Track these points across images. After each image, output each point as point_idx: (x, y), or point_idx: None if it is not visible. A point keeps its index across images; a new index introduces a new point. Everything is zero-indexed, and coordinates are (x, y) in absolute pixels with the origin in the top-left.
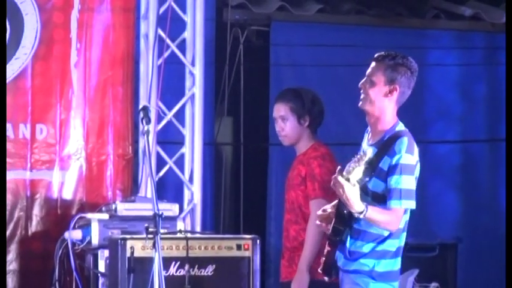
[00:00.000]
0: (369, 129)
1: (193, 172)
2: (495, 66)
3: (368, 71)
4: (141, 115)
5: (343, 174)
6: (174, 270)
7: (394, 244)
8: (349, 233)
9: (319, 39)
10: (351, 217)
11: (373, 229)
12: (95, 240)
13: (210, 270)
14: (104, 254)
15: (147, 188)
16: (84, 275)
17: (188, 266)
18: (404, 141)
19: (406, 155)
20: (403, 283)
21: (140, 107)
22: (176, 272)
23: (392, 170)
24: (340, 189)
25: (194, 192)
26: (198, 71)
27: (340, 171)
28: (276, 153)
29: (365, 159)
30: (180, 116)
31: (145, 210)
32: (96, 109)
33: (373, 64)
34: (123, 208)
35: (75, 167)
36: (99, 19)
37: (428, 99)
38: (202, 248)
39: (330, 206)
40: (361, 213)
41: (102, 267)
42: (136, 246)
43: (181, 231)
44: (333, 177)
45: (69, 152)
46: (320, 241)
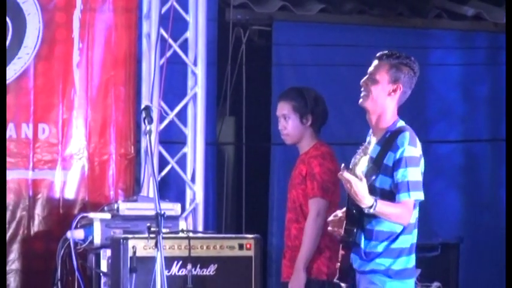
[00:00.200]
0: (371, 131)
1: (195, 172)
2: (497, 66)
3: (370, 69)
4: (143, 115)
5: (350, 168)
6: (176, 269)
7: (408, 240)
8: (362, 233)
9: (321, 39)
10: (362, 216)
11: (385, 227)
12: (97, 239)
13: (212, 269)
14: (106, 254)
15: (149, 188)
16: (86, 274)
17: (190, 265)
18: (406, 135)
19: (409, 148)
20: None
21: (142, 106)
22: (178, 272)
23: (397, 164)
24: (347, 185)
25: (196, 191)
26: (200, 70)
27: (345, 168)
28: (278, 152)
29: (370, 148)
30: (182, 116)
31: (147, 210)
32: (98, 109)
33: (375, 62)
34: (125, 208)
35: (78, 167)
36: (102, 19)
37: (430, 99)
38: (204, 248)
39: (341, 211)
40: (371, 207)
41: (104, 267)
42: (139, 246)
43: (183, 231)
44: (338, 174)
45: (72, 152)
46: (317, 240)
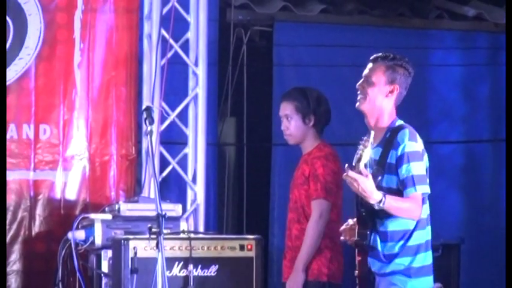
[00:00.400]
0: (372, 133)
1: (196, 172)
2: (498, 66)
3: (365, 72)
4: (145, 115)
5: (353, 165)
6: (177, 270)
7: (423, 236)
8: (376, 236)
9: (322, 40)
10: (373, 218)
11: (398, 226)
12: (98, 240)
13: (213, 270)
14: (107, 255)
15: (150, 189)
16: (87, 275)
17: (191, 266)
18: (405, 131)
19: (409, 143)
20: None
21: (143, 107)
22: (179, 272)
23: (400, 161)
24: (354, 184)
25: (197, 192)
26: (202, 71)
27: (349, 167)
28: (279, 153)
29: (370, 140)
30: (183, 116)
31: (148, 211)
32: (99, 109)
33: (370, 65)
34: (126, 208)
35: (79, 168)
36: (103, 19)
37: (431, 100)
38: (206, 249)
39: (352, 220)
40: (380, 202)
41: (105, 268)
42: (140, 247)
43: (184, 232)
44: (344, 175)
45: (73, 153)
46: (318, 242)
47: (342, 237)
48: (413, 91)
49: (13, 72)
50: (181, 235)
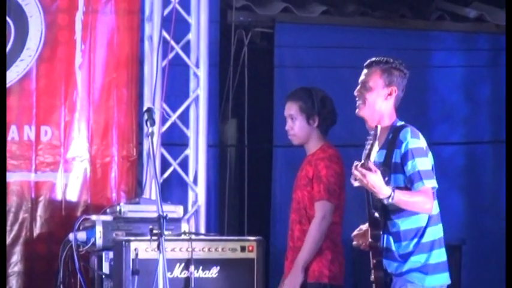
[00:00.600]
0: (379, 127)
1: (197, 174)
2: (499, 67)
3: (361, 78)
4: (146, 117)
5: (362, 162)
6: (178, 272)
7: (435, 232)
8: (389, 237)
9: (324, 41)
10: (385, 219)
11: (411, 225)
12: (99, 241)
13: (214, 272)
14: (108, 256)
15: (152, 190)
16: (88, 276)
17: (192, 267)
18: (407, 130)
19: (412, 140)
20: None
21: (144, 108)
22: (180, 274)
23: (405, 158)
24: (363, 180)
25: (198, 193)
26: (203, 72)
27: (356, 166)
28: (280, 154)
29: (378, 135)
30: (184, 118)
31: (149, 212)
32: (100, 111)
33: (365, 71)
34: (128, 210)
35: (80, 169)
36: (104, 21)
37: (432, 101)
38: (207, 250)
39: (364, 226)
40: (390, 196)
41: (106, 269)
42: (141, 248)
43: (185, 233)
44: (353, 171)
45: (74, 154)
46: (320, 243)
47: (354, 243)
48: (414, 92)
49: (14, 73)
50: (183, 236)
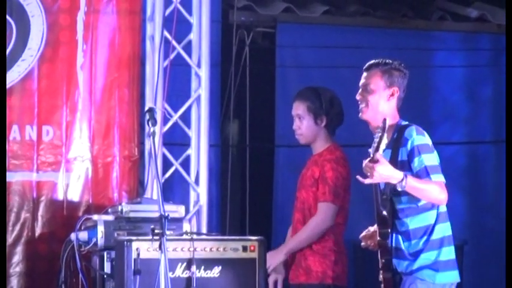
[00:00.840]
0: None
1: (199, 173)
2: (501, 67)
3: (362, 81)
4: (147, 117)
5: (371, 156)
6: (180, 271)
7: (444, 230)
8: (398, 236)
9: (325, 41)
10: (393, 217)
11: (419, 223)
12: (101, 241)
13: (216, 271)
14: (110, 256)
15: (153, 190)
16: (90, 276)
17: (194, 267)
18: (412, 128)
19: (418, 137)
20: None
21: (146, 108)
22: (182, 274)
23: (411, 155)
24: (374, 173)
25: (200, 193)
26: (204, 72)
27: (365, 163)
28: (282, 154)
29: (386, 127)
30: (186, 118)
31: (151, 212)
32: (102, 111)
33: (365, 74)
34: (129, 210)
35: (81, 169)
36: (105, 21)
37: (434, 101)
38: (208, 250)
39: (372, 227)
40: (402, 180)
41: (108, 269)
42: (142, 248)
43: (187, 233)
44: (364, 166)
45: (75, 154)
46: (312, 241)
47: (363, 244)
48: (415, 92)
49: (16, 73)
50: (184, 236)
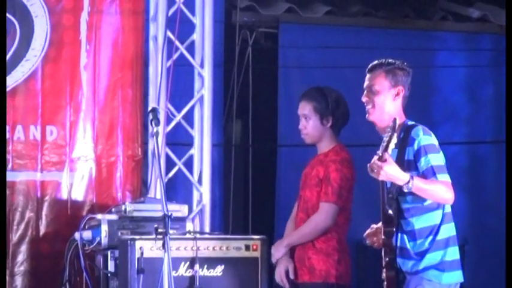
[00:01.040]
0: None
1: (202, 173)
2: (502, 68)
3: (366, 83)
4: (151, 117)
5: (379, 154)
6: (183, 270)
7: (449, 230)
8: (403, 235)
9: (327, 41)
10: (398, 217)
11: (425, 223)
12: (105, 240)
13: (219, 270)
14: (114, 255)
15: (157, 189)
16: (94, 275)
17: (197, 266)
18: (419, 128)
19: (424, 137)
20: None
21: (149, 108)
22: (185, 272)
23: (418, 155)
24: (381, 172)
25: (203, 193)
26: (207, 72)
27: (374, 160)
28: (285, 154)
29: (396, 127)
30: (189, 118)
31: (154, 211)
32: (105, 111)
33: (369, 75)
34: (133, 209)
35: (85, 169)
36: (109, 21)
37: (435, 101)
38: (211, 249)
39: (376, 225)
40: (408, 182)
41: (111, 268)
42: (146, 247)
43: (190, 232)
44: (369, 165)
45: (79, 154)
46: (312, 238)
47: (367, 241)
48: (417, 92)
49: (20, 73)
50: (187, 235)
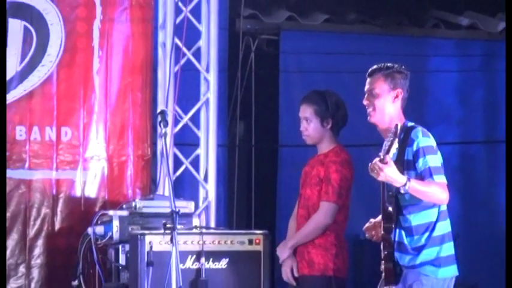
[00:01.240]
0: (399, 125)
1: (207, 172)
2: (492, 72)
3: (366, 87)
4: (159, 118)
5: (380, 156)
6: (190, 263)
7: (445, 226)
8: (401, 231)
9: (326, 47)
10: (397, 214)
11: (421, 219)
12: (116, 235)
13: (223, 263)
14: (125, 248)
15: (165, 187)
16: (106, 267)
17: (203, 259)
18: (418, 129)
19: (423, 139)
20: None
21: (158, 111)
22: (192, 265)
23: (416, 156)
24: (381, 173)
25: (209, 190)
26: (212, 77)
27: (375, 161)
28: (285, 154)
29: (398, 132)
30: (195, 120)
31: (163, 208)
32: (117, 113)
33: (369, 79)
34: (143, 205)
35: (98, 167)
36: (120, 29)
37: (429, 104)
38: (216, 243)
39: (374, 219)
40: (405, 184)
41: (123, 261)
42: (155, 241)
43: (196, 227)
44: (370, 165)
45: (92, 153)
46: (314, 236)
47: (366, 235)
48: (412, 96)
49: (36, 78)
50: (194, 230)
